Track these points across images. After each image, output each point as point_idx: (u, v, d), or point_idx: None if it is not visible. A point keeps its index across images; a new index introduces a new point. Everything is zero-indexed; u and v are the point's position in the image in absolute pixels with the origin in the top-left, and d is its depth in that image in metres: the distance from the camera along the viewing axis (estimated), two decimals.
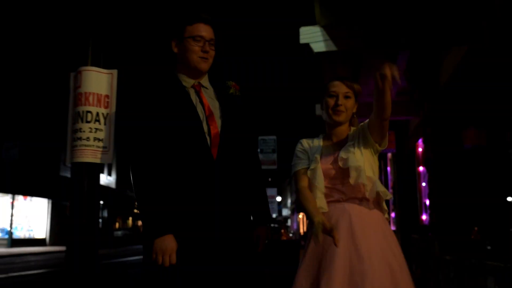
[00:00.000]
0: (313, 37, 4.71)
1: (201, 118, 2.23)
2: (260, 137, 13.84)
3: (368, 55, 6.02)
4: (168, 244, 2.02)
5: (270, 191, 19.20)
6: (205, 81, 2.37)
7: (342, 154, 2.40)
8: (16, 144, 22.70)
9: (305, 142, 2.57)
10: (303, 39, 4.81)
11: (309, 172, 2.43)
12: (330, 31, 4.86)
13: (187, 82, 2.31)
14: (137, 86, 2.25)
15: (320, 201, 2.36)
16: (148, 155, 2.12)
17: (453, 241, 6.32)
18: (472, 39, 4.69)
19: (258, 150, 17.43)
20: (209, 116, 2.24)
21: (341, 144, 2.47)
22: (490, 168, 6.46)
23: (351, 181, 2.34)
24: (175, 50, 2.31)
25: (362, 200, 2.37)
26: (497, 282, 4.06)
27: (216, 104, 2.32)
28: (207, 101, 2.29)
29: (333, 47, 4.79)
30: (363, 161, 2.37)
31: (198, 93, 2.30)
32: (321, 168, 2.41)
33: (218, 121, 2.26)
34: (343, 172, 2.38)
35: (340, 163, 2.38)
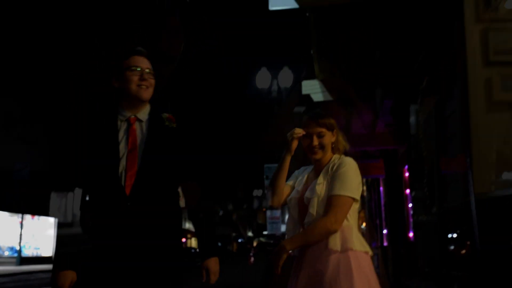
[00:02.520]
0: (313, 89, 5.86)
1: (122, 153, 2.27)
2: (265, 165, 14.90)
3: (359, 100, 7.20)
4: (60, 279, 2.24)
5: (275, 213, 20.45)
6: (143, 113, 2.39)
7: (308, 192, 2.43)
8: (26, 165, 23.56)
9: (301, 169, 2.66)
10: (304, 91, 5.97)
11: (288, 201, 2.54)
12: (326, 84, 6.05)
13: (124, 115, 2.36)
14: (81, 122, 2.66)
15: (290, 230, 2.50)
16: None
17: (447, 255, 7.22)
18: (441, 91, 5.86)
19: (264, 176, 18.45)
20: (131, 151, 2.27)
21: (316, 175, 2.50)
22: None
23: (306, 225, 2.38)
24: (116, 85, 2.36)
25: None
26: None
27: (145, 138, 2.32)
28: (136, 135, 2.31)
29: (329, 97, 5.97)
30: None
31: (129, 127, 2.33)
32: (297, 199, 2.49)
33: (140, 156, 2.27)
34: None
35: (305, 201, 2.42)
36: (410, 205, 10.35)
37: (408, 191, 10.55)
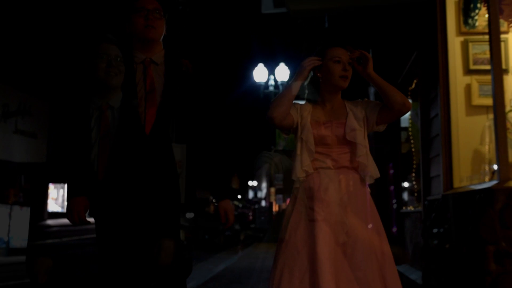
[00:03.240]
0: (310, 93, 6.23)
1: (141, 95, 2.33)
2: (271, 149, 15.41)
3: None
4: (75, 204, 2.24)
5: (263, 208, 20.89)
6: (158, 57, 2.41)
7: (350, 125, 2.40)
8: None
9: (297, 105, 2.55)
10: (308, 95, 6.35)
11: (302, 135, 2.43)
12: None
13: (138, 58, 2.39)
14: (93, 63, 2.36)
15: (308, 164, 2.41)
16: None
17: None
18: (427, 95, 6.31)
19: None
20: (149, 92, 2.32)
21: (338, 112, 2.47)
22: None
23: (359, 158, 2.39)
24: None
25: (350, 169, 2.43)
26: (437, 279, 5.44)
27: (162, 81, 2.36)
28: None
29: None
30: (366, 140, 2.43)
31: (145, 69, 2.36)
32: (314, 134, 2.42)
33: (159, 98, 2.33)
34: (339, 141, 2.41)
35: (348, 136, 2.39)
36: (394, 200, 10.85)
37: (392, 187, 11.05)
